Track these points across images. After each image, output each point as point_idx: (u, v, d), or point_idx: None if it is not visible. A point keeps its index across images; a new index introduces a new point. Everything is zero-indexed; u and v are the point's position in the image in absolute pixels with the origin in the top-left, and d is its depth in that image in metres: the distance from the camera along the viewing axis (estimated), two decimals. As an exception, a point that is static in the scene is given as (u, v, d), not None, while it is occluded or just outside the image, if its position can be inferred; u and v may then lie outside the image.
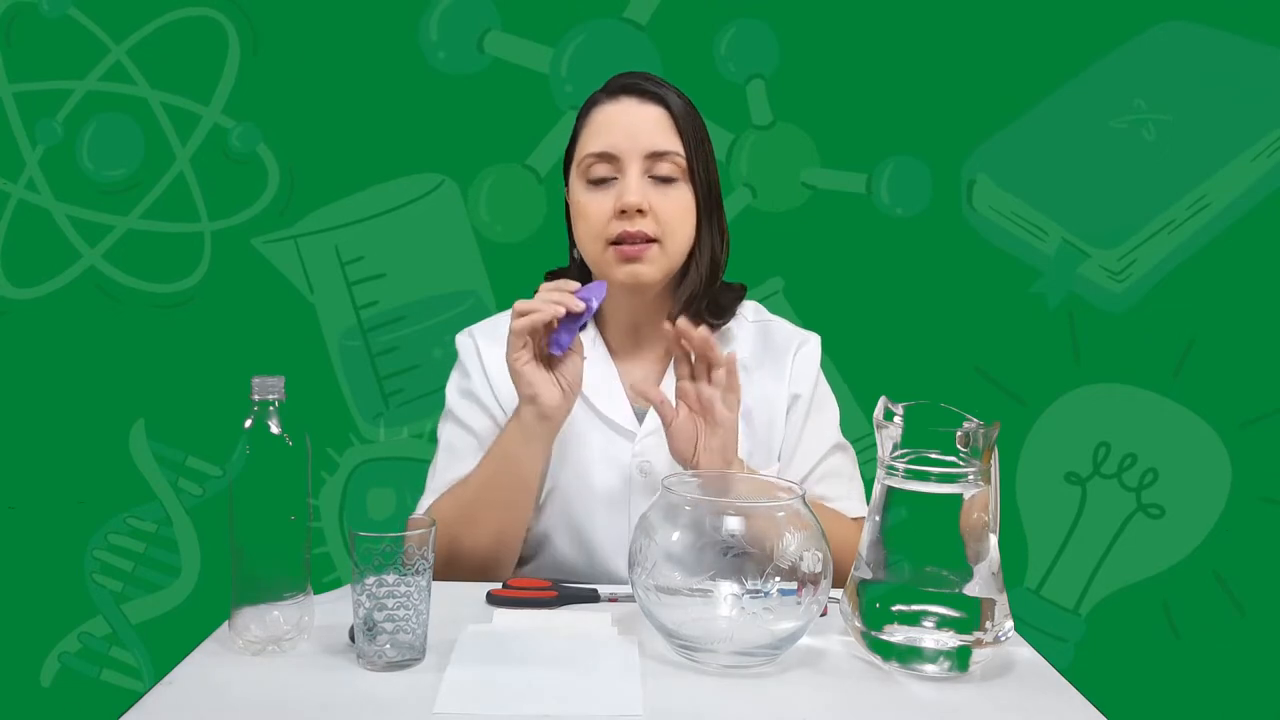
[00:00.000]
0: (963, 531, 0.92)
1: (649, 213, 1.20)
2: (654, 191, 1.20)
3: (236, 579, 0.94)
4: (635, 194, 1.19)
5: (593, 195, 1.22)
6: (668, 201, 1.21)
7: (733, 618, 0.89)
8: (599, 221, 1.21)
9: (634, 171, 1.20)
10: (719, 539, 0.89)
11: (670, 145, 1.21)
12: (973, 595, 0.91)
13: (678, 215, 1.21)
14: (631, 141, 1.20)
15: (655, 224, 1.20)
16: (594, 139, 1.22)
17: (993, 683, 0.91)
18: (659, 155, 1.20)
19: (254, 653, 0.93)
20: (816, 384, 1.31)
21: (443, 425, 1.32)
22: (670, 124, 1.21)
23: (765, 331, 1.34)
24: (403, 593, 0.89)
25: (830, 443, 1.31)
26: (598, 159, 1.21)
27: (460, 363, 1.32)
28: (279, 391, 0.94)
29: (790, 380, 1.30)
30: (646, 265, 1.21)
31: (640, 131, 1.20)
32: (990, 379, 1.83)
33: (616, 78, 1.25)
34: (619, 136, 1.21)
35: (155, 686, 0.87)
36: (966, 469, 0.92)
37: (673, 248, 1.22)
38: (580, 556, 1.25)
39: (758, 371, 1.30)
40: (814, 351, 1.33)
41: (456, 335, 1.34)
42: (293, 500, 0.94)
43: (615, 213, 1.20)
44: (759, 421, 1.28)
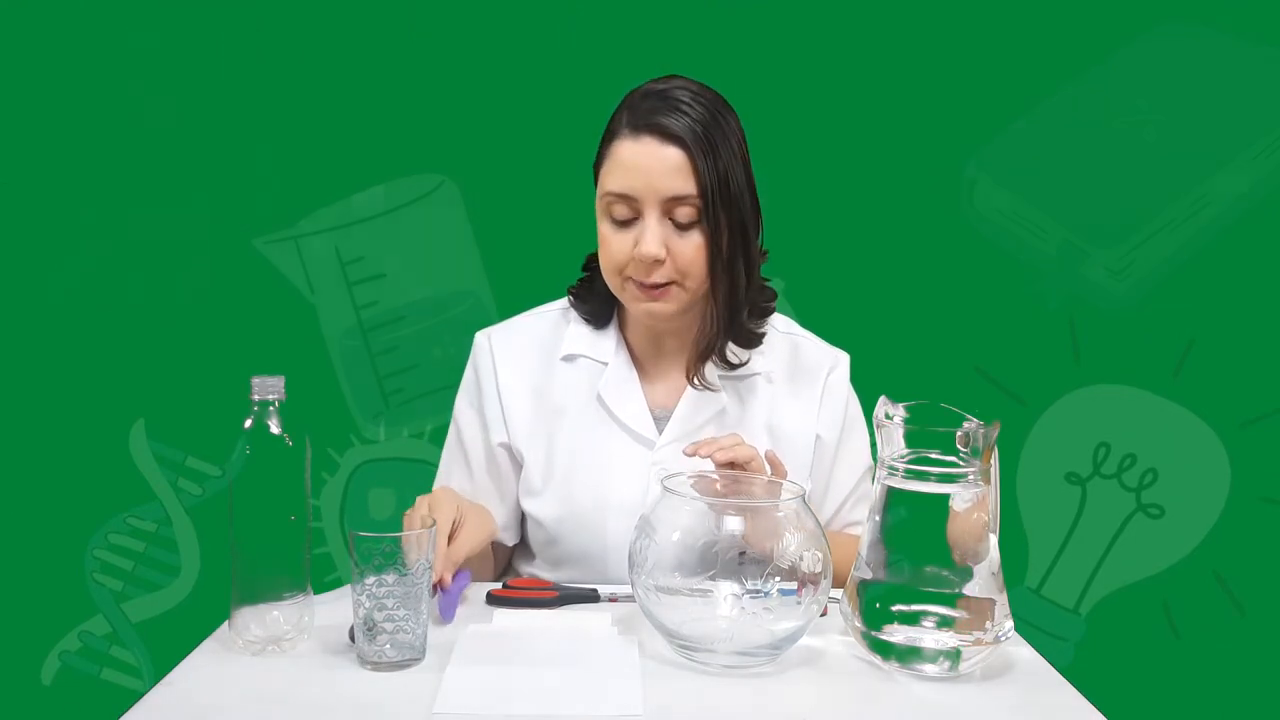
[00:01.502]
0: (950, 539, 0.92)
1: (667, 259, 1.17)
2: (673, 236, 1.17)
3: (236, 579, 0.94)
4: (652, 245, 1.15)
5: (614, 232, 1.19)
6: (685, 246, 1.17)
7: (733, 618, 0.89)
8: (619, 259, 1.18)
9: (652, 219, 1.16)
10: (719, 539, 0.89)
11: (687, 190, 1.15)
12: (973, 595, 0.91)
13: (694, 257, 1.18)
14: (649, 190, 1.15)
15: (673, 269, 1.17)
16: (613, 178, 1.17)
17: (993, 683, 0.91)
18: (676, 200, 1.16)
19: (254, 653, 0.93)
20: (847, 410, 1.31)
21: (450, 430, 1.33)
22: (689, 169, 1.15)
23: (795, 347, 1.32)
24: (402, 593, 0.89)
25: (864, 468, 1.32)
26: (616, 199, 1.17)
27: (474, 366, 1.31)
28: (279, 391, 0.94)
29: (821, 409, 1.29)
30: (664, 304, 1.19)
31: (657, 176, 1.15)
32: (990, 379, 1.83)
33: (641, 103, 1.17)
34: (637, 180, 1.16)
35: (155, 686, 0.87)
36: (966, 469, 0.92)
37: (693, 285, 1.20)
38: (595, 563, 1.24)
39: (785, 387, 1.29)
40: (844, 375, 1.32)
41: (476, 333, 1.33)
42: (293, 500, 0.94)
43: (634, 258, 1.17)
44: (786, 439, 1.26)
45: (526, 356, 1.28)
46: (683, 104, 1.16)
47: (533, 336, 1.31)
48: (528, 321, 1.33)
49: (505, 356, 1.29)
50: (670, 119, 1.15)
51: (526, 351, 1.29)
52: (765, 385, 1.29)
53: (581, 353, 1.28)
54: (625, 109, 1.19)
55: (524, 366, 1.28)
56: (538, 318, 1.33)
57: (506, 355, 1.29)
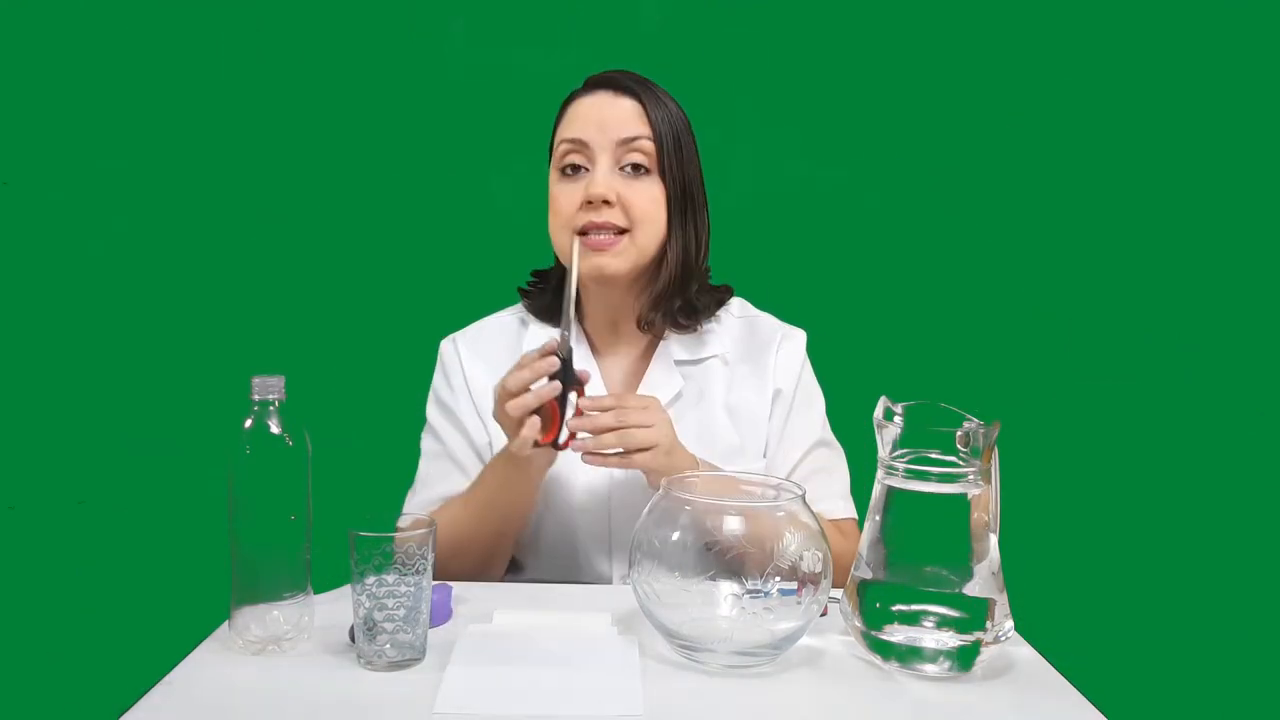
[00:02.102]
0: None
1: (617, 204, 1.19)
2: (623, 183, 1.20)
3: (236, 579, 0.94)
4: (601, 185, 1.19)
5: (563, 186, 1.22)
6: (637, 193, 1.20)
7: (733, 618, 0.89)
8: (567, 212, 1.21)
9: (604, 163, 1.20)
10: (719, 539, 0.89)
11: (639, 131, 1.21)
12: (973, 595, 0.91)
13: (647, 207, 1.21)
14: (601, 131, 1.21)
15: (624, 216, 1.20)
16: (567, 127, 1.23)
17: (993, 683, 0.91)
18: (628, 142, 1.20)
19: (254, 653, 0.93)
20: (800, 379, 1.31)
21: (425, 438, 1.32)
22: (641, 114, 1.22)
23: (750, 327, 1.33)
24: (403, 593, 0.89)
25: (813, 439, 1.30)
26: (570, 146, 1.22)
27: (444, 371, 1.32)
28: (279, 391, 0.94)
29: (774, 375, 1.29)
30: (612, 257, 1.20)
31: (611, 121, 1.21)
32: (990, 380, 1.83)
33: (595, 75, 1.26)
34: (590, 126, 1.21)
35: (155, 686, 0.87)
36: (966, 469, 0.92)
37: (643, 239, 1.22)
38: (563, 552, 1.25)
39: (742, 366, 1.30)
40: (798, 346, 1.32)
41: (441, 341, 1.34)
42: (293, 500, 0.94)
43: (583, 203, 1.20)
44: (744, 418, 1.28)
45: (493, 357, 1.29)
46: (635, 76, 1.25)
47: (496, 337, 1.32)
48: (489, 324, 1.35)
49: (473, 359, 1.30)
50: (622, 78, 1.24)
51: (493, 352, 1.30)
52: (721, 367, 1.30)
53: None
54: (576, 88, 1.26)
55: (492, 367, 1.27)
56: (497, 320, 1.35)
57: (474, 358, 1.30)
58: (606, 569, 1.25)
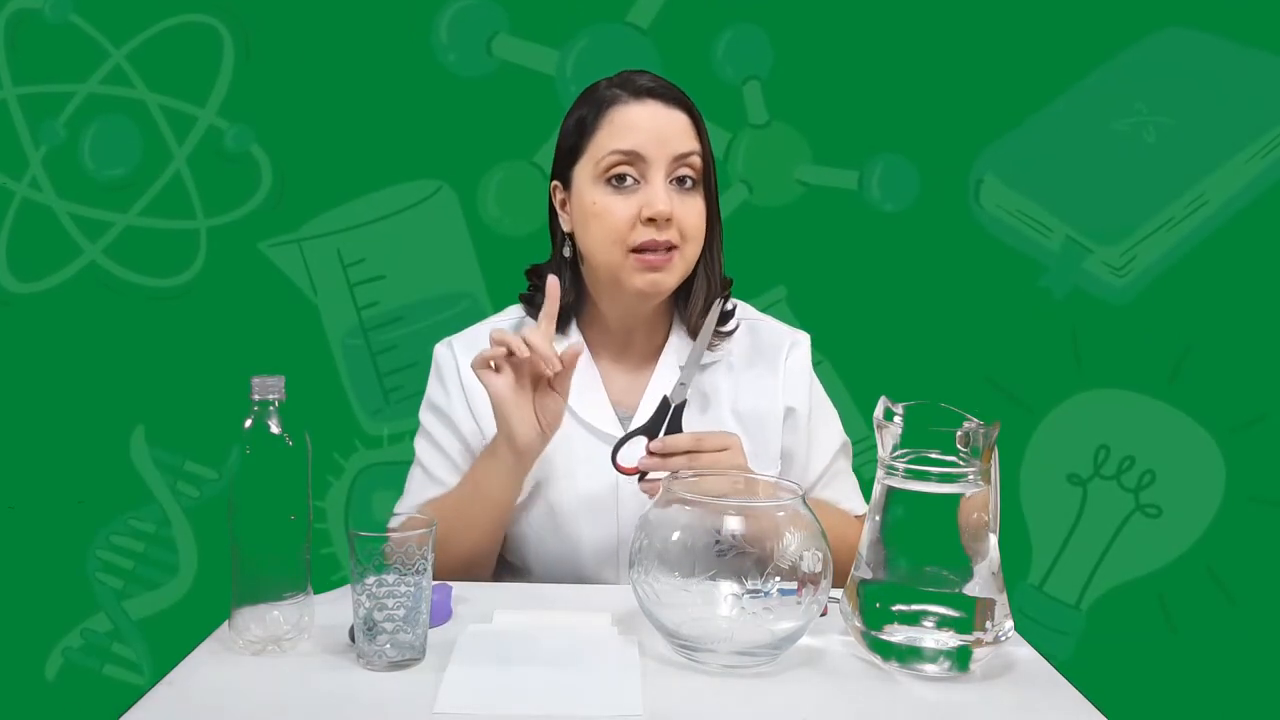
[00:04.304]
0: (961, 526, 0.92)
1: (672, 220, 1.18)
2: (676, 198, 1.18)
3: (236, 579, 0.94)
4: (665, 202, 1.16)
5: (614, 198, 1.18)
6: (688, 209, 1.19)
7: (733, 618, 0.89)
8: (621, 227, 1.18)
9: (659, 178, 1.17)
10: (719, 539, 0.89)
11: (692, 147, 1.19)
12: (973, 595, 0.91)
13: (697, 222, 1.20)
14: (659, 146, 1.17)
15: (677, 232, 1.18)
16: (619, 138, 1.18)
17: (993, 682, 0.91)
18: (682, 158, 1.18)
19: (254, 653, 0.93)
20: (812, 390, 1.31)
21: (418, 441, 1.30)
22: (693, 130, 1.20)
23: (754, 331, 1.33)
24: (402, 593, 0.89)
25: (835, 447, 1.32)
26: (622, 157, 1.17)
27: (439, 374, 1.30)
28: (279, 391, 0.94)
29: (784, 388, 1.29)
30: (667, 274, 1.19)
31: (669, 136, 1.18)
32: (992, 382, 1.83)
33: (632, 77, 1.22)
34: (647, 139, 1.17)
35: (155, 686, 0.87)
36: (966, 469, 0.92)
37: (690, 254, 1.21)
38: (566, 560, 1.24)
39: (748, 372, 1.29)
40: (805, 354, 1.32)
41: (436, 345, 1.32)
42: (293, 500, 0.94)
43: (640, 219, 1.17)
44: (753, 423, 1.27)
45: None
46: (666, 81, 1.23)
47: None
48: (486, 329, 1.32)
49: (470, 371, 1.28)
50: (669, 88, 1.22)
51: None
52: (727, 372, 1.29)
53: None
54: (610, 88, 1.22)
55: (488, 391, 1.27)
56: (494, 324, 1.33)
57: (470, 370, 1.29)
58: (610, 575, 1.25)
